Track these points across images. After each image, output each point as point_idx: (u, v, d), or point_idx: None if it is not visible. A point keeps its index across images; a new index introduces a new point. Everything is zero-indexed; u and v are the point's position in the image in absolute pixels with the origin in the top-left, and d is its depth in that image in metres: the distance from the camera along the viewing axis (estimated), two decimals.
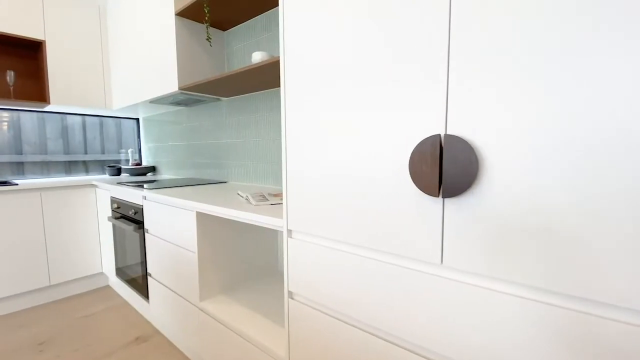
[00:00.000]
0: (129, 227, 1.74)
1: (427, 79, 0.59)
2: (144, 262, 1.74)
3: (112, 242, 2.09)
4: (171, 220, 1.45)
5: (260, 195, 1.29)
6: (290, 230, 0.91)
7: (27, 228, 1.99)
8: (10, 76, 2.11)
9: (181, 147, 2.45)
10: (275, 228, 0.97)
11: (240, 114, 1.90)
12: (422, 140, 0.58)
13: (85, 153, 2.68)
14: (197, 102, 2.07)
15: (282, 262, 1.66)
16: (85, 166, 2.69)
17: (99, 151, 2.75)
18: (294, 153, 0.86)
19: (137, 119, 2.97)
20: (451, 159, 0.55)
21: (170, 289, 1.53)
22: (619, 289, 0.44)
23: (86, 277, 2.28)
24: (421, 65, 0.59)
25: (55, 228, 2.10)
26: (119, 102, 2.35)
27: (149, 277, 1.71)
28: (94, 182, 2.21)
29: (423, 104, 0.59)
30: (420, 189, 0.59)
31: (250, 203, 1.19)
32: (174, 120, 2.48)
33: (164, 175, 2.67)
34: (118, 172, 2.65)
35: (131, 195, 1.78)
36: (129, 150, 2.79)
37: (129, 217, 1.84)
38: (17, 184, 1.97)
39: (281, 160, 1.68)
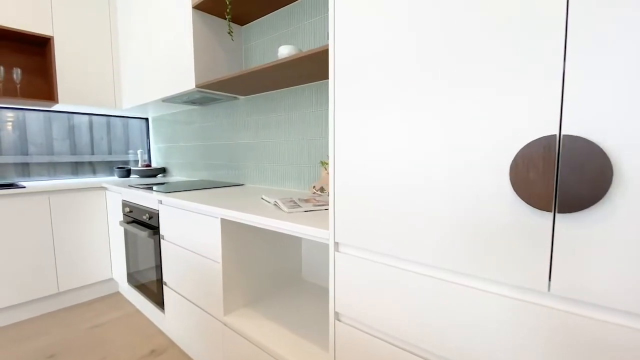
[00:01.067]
0: (142, 233, 1.64)
1: (529, 56, 0.48)
2: (159, 271, 1.64)
3: (124, 247, 1.99)
4: (191, 226, 1.35)
5: (291, 201, 1.18)
6: (338, 243, 0.81)
7: (35, 232, 1.89)
8: (16, 74, 2.02)
9: (193, 148, 2.35)
10: (319, 240, 0.87)
11: (259, 113, 1.80)
12: (531, 142, 0.48)
13: (92, 154, 2.58)
14: (212, 100, 1.97)
15: (306, 269, 1.55)
16: (93, 167, 2.59)
17: (106, 152, 2.66)
18: (343, 154, 0.76)
19: (146, 119, 2.87)
20: (573, 165, 0.45)
21: (189, 300, 1.43)
22: None
23: (96, 283, 2.18)
24: (519, 36, 0.49)
25: (64, 232, 2.00)
26: (130, 101, 2.25)
27: (164, 287, 1.61)
28: (104, 185, 2.11)
29: (526, 92, 0.49)
30: (526, 201, 0.49)
31: (282, 210, 1.09)
32: (186, 120, 2.38)
33: (176, 177, 2.57)
34: (127, 173, 2.55)
35: (145, 199, 1.68)
36: (139, 151, 2.69)
37: (143, 222, 1.74)
38: (24, 187, 1.87)
39: (303, 163, 1.57)
